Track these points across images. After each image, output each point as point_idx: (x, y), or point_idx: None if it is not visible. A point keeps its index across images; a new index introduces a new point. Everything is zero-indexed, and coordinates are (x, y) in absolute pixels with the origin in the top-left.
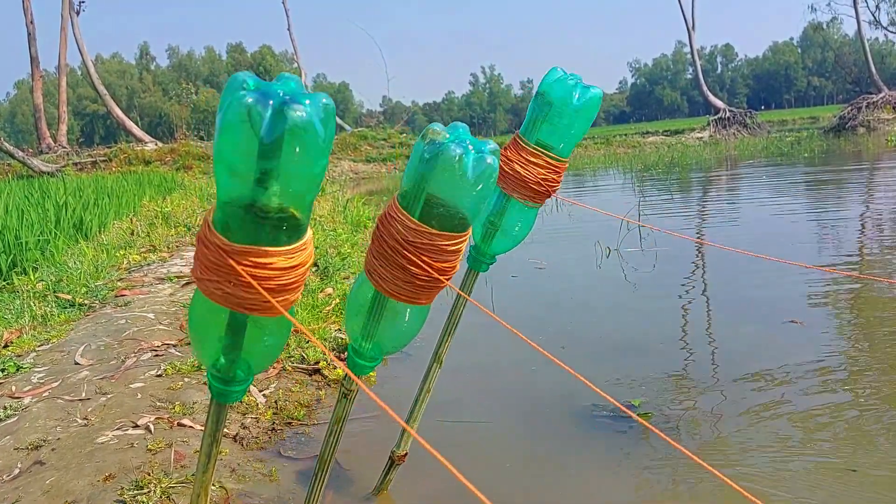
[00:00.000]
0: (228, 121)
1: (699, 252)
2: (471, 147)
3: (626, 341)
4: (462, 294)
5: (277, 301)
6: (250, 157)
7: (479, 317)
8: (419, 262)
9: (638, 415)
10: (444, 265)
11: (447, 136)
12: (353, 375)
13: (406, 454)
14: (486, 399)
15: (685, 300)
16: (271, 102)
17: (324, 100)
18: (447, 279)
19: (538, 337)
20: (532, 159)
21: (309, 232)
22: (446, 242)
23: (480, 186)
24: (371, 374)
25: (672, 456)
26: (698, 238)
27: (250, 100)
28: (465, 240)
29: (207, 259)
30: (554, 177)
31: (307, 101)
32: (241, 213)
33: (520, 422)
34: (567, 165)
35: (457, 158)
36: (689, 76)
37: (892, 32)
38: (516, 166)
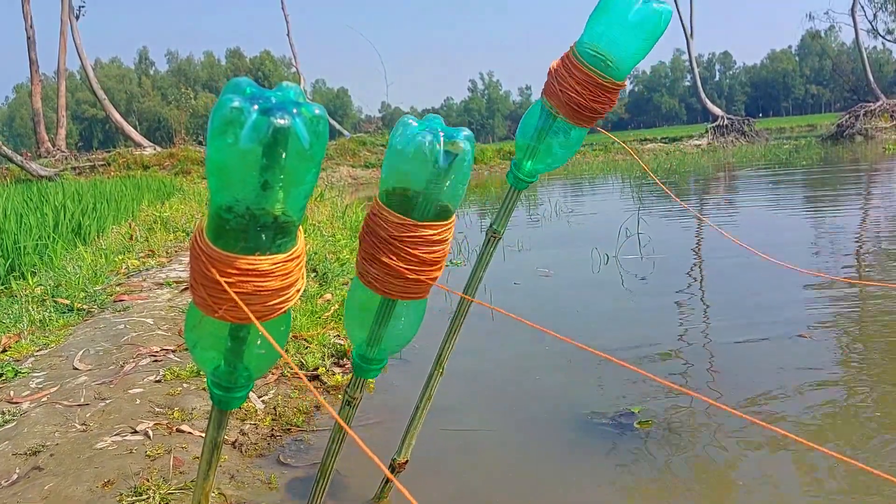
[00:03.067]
0: (214, 125)
1: (697, 258)
2: (441, 134)
3: (625, 349)
4: (460, 296)
5: (260, 309)
6: (235, 163)
7: (482, 323)
8: (407, 256)
9: (638, 422)
10: (433, 255)
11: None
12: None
13: (407, 461)
14: (487, 406)
15: (686, 308)
16: (255, 108)
17: (316, 110)
18: (439, 269)
19: (542, 345)
20: (582, 76)
21: (300, 241)
22: (431, 232)
23: (454, 174)
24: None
25: (671, 463)
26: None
27: (236, 104)
28: (450, 227)
29: (198, 269)
30: (606, 98)
31: (294, 110)
32: (228, 220)
33: (520, 429)
34: (624, 87)
35: (427, 146)
36: (688, 83)
37: (889, 41)
38: (565, 83)
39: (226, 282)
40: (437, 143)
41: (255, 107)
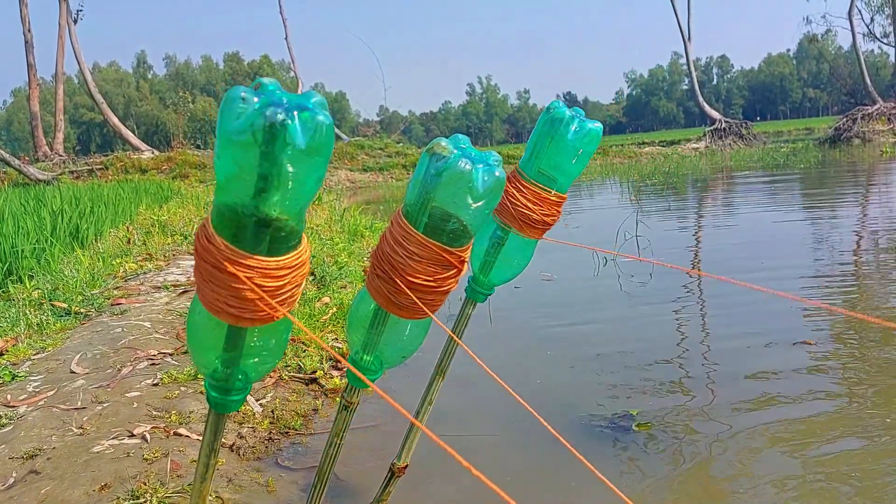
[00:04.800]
0: (227, 129)
1: (695, 262)
2: (479, 163)
3: (625, 352)
4: (454, 336)
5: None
6: (252, 168)
7: (482, 329)
8: (422, 276)
9: (636, 425)
10: (446, 278)
11: (454, 150)
12: (378, 390)
13: (406, 466)
14: (486, 410)
15: (684, 311)
16: (278, 114)
17: (319, 117)
18: (448, 291)
19: (546, 352)
20: (531, 194)
21: (304, 242)
22: (450, 255)
23: (487, 199)
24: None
25: (670, 465)
26: (693, 268)
27: (245, 106)
28: (468, 251)
29: (208, 268)
30: (554, 211)
31: (295, 112)
32: (240, 222)
33: (520, 434)
34: (566, 199)
35: (466, 173)
36: (685, 87)
37: (886, 44)
38: (516, 200)
39: (239, 282)
40: (478, 172)
41: (266, 110)
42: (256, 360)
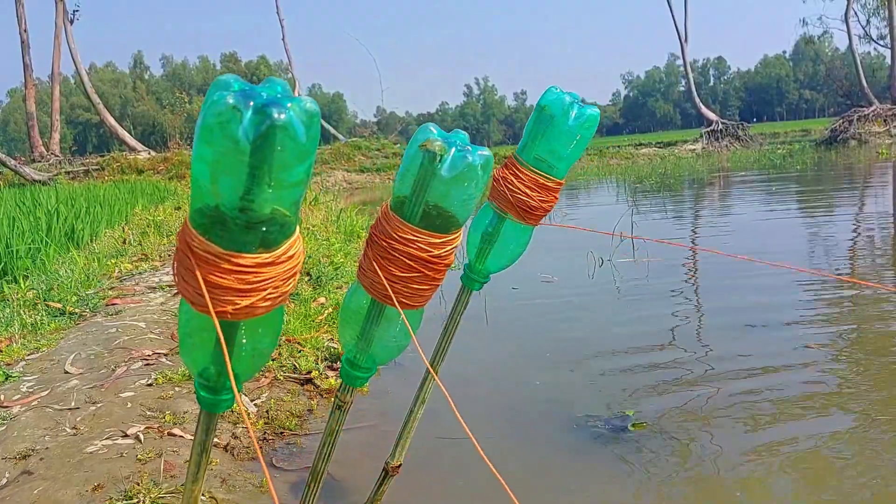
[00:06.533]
0: (207, 122)
1: (692, 262)
2: (454, 146)
3: (622, 352)
4: (420, 351)
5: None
6: (229, 160)
7: (479, 329)
8: (410, 263)
9: (632, 425)
10: (436, 266)
11: (440, 140)
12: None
13: (400, 465)
14: (483, 411)
15: (680, 311)
16: (251, 103)
17: (307, 104)
18: (439, 280)
19: (545, 353)
20: (529, 180)
21: (294, 235)
22: (436, 241)
23: (462, 185)
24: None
25: (665, 465)
26: (693, 245)
27: (231, 100)
28: (456, 239)
29: (184, 265)
30: (551, 197)
31: (289, 104)
32: (218, 218)
33: (516, 434)
34: (563, 185)
35: (438, 157)
36: (682, 88)
37: (882, 46)
38: (513, 186)
39: (220, 278)
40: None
41: (251, 102)
42: (247, 356)
